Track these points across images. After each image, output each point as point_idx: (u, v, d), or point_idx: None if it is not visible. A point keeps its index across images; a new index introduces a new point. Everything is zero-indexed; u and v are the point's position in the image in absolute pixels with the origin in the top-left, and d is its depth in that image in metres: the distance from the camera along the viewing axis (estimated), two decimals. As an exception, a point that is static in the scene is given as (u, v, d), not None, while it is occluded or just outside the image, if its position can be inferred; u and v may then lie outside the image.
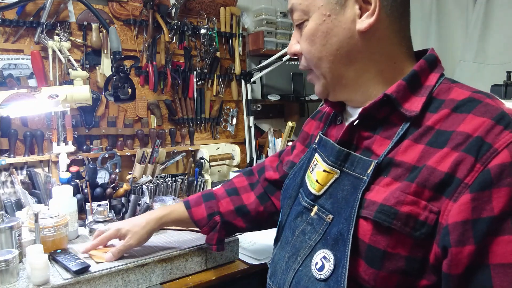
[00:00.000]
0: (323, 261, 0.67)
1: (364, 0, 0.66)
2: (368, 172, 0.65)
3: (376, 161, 0.64)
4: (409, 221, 0.58)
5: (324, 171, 0.72)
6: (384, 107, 0.67)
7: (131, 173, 1.73)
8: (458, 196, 0.56)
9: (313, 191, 0.73)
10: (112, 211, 1.45)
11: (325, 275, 0.65)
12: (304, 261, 0.70)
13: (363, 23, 0.66)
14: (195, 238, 1.19)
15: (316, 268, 0.67)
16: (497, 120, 0.58)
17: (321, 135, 0.78)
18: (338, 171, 0.70)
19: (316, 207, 0.72)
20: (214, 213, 1.04)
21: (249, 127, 2.21)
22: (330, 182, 0.71)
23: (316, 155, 0.76)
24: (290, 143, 2.06)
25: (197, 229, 1.08)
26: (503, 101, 0.65)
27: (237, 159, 2.16)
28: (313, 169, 0.76)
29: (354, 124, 0.70)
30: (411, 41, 0.71)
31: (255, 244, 1.31)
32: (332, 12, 0.67)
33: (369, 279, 0.61)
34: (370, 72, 0.69)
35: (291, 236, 0.76)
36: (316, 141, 0.81)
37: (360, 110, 0.69)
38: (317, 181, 0.73)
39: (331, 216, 0.68)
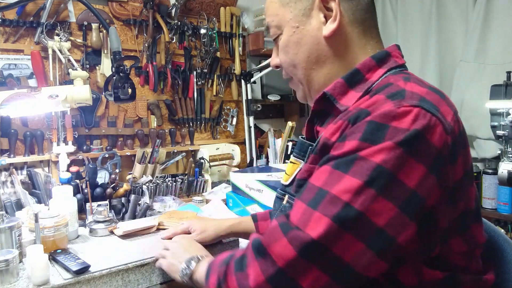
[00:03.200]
0: None
1: (327, 8, 0.72)
2: (306, 157, 0.74)
3: (310, 147, 0.73)
4: None
5: (291, 162, 0.80)
6: (331, 104, 0.72)
7: (131, 173, 1.73)
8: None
9: (282, 181, 0.82)
10: (112, 211, 1.45)
11: None
12: None
13: (327, 29, 0.72)
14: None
15: None
16: (389, 96, 0.61)
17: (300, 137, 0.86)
18: (302, 161, 0.76)
19: (287, 196, 0.79)
20: None
21: (249, 127, 2.21)
22: (295, 172, 0.77)
23: None
24: (290, 143, 2.06)
25: None
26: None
27: (237, 159, 2.17)
28: None
29: (314, 121, 0.78)
30: (380, 41, 0.76)
31: (255, 244, 1.31)
32: (300, 23, 0.74)
33: None
34: (338, 75, 0.73)
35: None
36: None
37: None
38: (286, 172, 0.81)
39: None
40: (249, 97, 2.20)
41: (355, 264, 0.57)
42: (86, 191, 1.43)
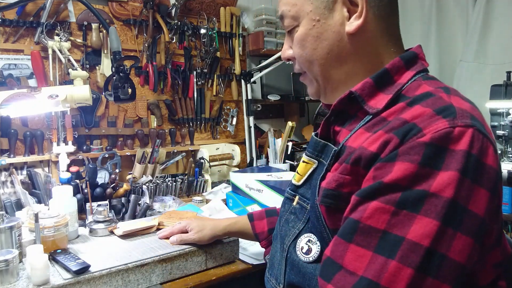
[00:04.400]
0: (308, 245, 0.70)
1: (352, 3, 0.67)
2: (329, 160, 0.68)
3: (335, 149, 0.67)
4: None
5: (303, 161, 0.75)
6: (354, 104, 0.68)
7: (131, 173, 1.73)
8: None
9: (294, 182, 0.77)
10: (112, 211, 1.45)
11: (314, 257, 0.68)
12: (289, 247, 0.73)
13: (352, 25, 0.67)
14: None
15: (303, 252, 0.70)
16: (438, 111, 0.57)
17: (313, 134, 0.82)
18: (316, 161, 0.72)
19: (297, 197, 0.75)
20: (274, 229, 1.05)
21: (249, 127, 2.21)
22: (308, 172, 0.73)
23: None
24: (290, 143, 2.06)
25: None
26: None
27: (237, 159, 2.17)
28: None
29: (331, 119, 0.73)
30: (401, 40, 0.73)
31: (255, 244, 1.31)
32: (321, 16, 0.69)
33: None
34: (358, 74, 0.70)
35: (278, 227, 0.80)
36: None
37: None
38: (297, 172, 0.76)
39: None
40: (249, 97, 2.20)
41: None
42: (86, 191, 1.43)
